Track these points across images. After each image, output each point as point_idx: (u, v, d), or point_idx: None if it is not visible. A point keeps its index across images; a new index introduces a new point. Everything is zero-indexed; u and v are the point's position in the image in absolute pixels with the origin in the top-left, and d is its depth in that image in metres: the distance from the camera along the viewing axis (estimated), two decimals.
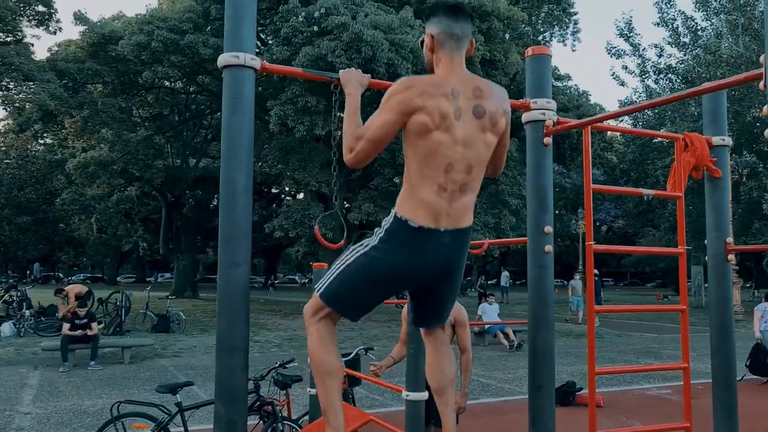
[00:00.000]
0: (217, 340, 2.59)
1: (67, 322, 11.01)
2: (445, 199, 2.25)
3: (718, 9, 24.57)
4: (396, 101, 2.23)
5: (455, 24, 2.31)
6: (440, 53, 2.31)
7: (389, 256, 2.27)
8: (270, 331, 16.31)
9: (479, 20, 20.23)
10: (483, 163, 2.34)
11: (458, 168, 2.25)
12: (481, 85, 2.32)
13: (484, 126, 2.29)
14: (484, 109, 2.29)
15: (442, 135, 2.21)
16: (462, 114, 2.24)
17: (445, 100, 2.22)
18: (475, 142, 2.27)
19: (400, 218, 2.27)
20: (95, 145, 26.59)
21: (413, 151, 2.27)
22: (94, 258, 60.99)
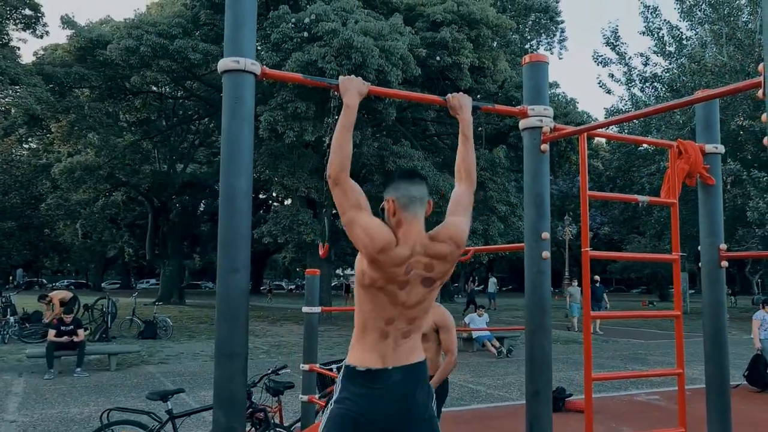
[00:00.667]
0: (216, 346, 2.57)
1: (52, 328, 10.88)
2: (389, 344, 2.35)
3: (702, 19, 24.89)
4: (371, 250, 2.26)
5: (412, 187, 2.38)
6: (401, 216, 2.35)
7: (349, 404, 2.33)
8: (258, 338, 16.23)
9: (468, 27, 20.34)
10: (427, 309, 2.44)
11: (399, 321, 2.35)
12: (437, 248, 2.37)
13: (433, 282, 2.39)
14: (434, 274, 2.37)
15: (386, 297, 2.31)
16: (409, 284, 2.33)
17: (398, 269, 2.29)
18: (420, 302, 2.38)
19: (349, 366, 2.37)
20: (81, 149, 26.39)
21: (360, 300, 2.37)
22: (78, 264, 60.43)
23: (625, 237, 35.90)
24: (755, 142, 21.87)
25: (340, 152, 2.33)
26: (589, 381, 3.12)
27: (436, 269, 2.37)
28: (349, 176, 2.35)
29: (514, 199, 21.47)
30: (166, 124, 29.34)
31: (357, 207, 2.32)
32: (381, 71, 16.80)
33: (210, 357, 12.26)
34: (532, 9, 34.98)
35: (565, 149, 23.86)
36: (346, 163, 2.33)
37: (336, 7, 17.82)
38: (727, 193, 21.68)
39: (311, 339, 4.98)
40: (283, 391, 5.26)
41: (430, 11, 20.41)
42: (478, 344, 14.08)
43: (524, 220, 3.32)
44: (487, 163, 21.30)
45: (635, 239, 33.14)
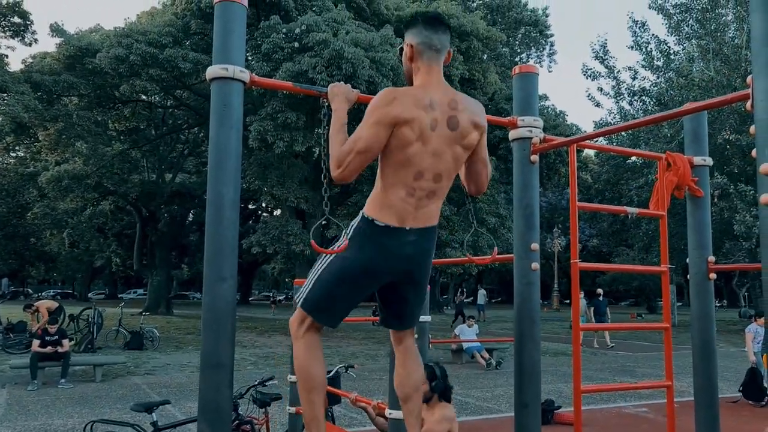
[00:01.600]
0: (202, 357, 2.53)
1: (37, 338, 10.74)
2: (411, 204, 2.33)
3: (689, 34, 25.17)
4: (383, 113, 2.26)
5: (434, 35, 2.36)
6: (419, 63, 2.36)
7: (358, 256, 2.35)
8: (245, 348, 16.11)
9: (459, 40, 20.46)
10: (451, 174, 2.41)
11: (427, 176, 2.32)
12: (457, 98, 2.38)
13: (456, 139, 2.35)
14: (458, 121, 2.35)
15: (418, 146, 2.28)
16: (437, 126, 2.30)
17: (424, 113, 2.27)
18: (446, 153, 2.34)
19: (367, 218, 2.35)
20: (69, 158, 26.22)
21: (387, 159, 2.33)
22: (64, 273, 59.87)
23: (614, 249, 36.03)
24: (741, 156, 22.09)
25: (338, 152, 2.33)
26: (578, 393, 3.10)
27: (461, 122, 2.35)
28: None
29: (503, 211, 21.52)
30: (155, 133, 29.23)
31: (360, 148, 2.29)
32: (371, 82, 16.85)
33: (197, 368, 12.14)
34: (522, 22, 35.32)
35: (554, 161, 24.01)
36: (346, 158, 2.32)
37: (327, 18, 17.88)
38: (714, 206, 21.86)
39: None
40: (270, 403, 5.21)
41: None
42: (468, 355, 14.04)
43: (513, 231, 3.31)
44: None
45: (624, 252, 33.28)
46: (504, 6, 34.46)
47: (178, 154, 31.64)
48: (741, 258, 22.61)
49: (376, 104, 2.29)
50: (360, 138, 2.29)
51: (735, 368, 12.93)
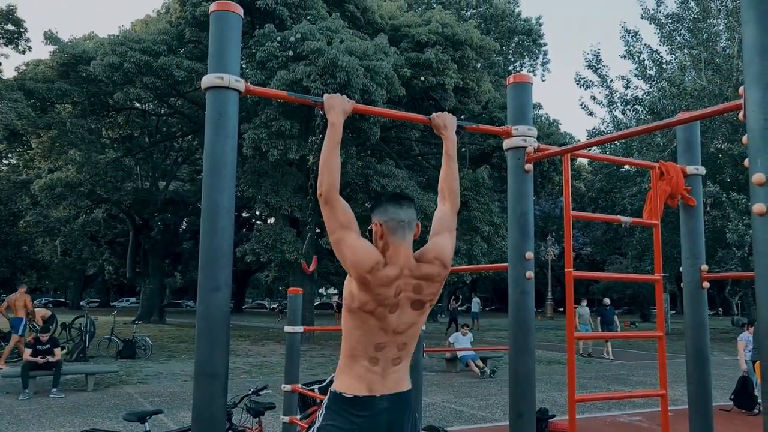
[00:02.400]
0: (196, 366, 2.52)
1: (28, 347, 10.66)
2: (377, 371, 2.32)
3: (681, 44, 25.36)
4: (362, 270, 2.25)
5: (401, 210, 2.36)
6: (388, 240, 2.34)
7: (334, 428, 2.30)
8: (239, 357, 16.04)
9: (453, 49, 20.53)
10: (417, 334, 2.42)
11: (390, 347, 2.33)
12: (424, 270, 2.36)
13: (423, 304, 2.38)
14: (423, 296, 2.37)
15: (376, 321, 2.29)
16: (399, 307, 2.31)
17: (387, 290, 2.27)
18: (410, 326, 2.36)
19: (335, 393, 2.34)
20: (62, 165, 26.12)
21: (349, 325, 2.33)
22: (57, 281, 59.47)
23: (608, 257, 36.14)
24: (733, 165, 22.21)
25: (328, 170, 2.31)
26: (572, 403, 3.10)
27: (425, 291, 2.36)
28: (339, 195, 2.34)
29: (497, 219, 21.55)
30: (149, 140, 29.17)
31: (345, 227, 2.30)
32: (366, 91, 16.88)
33: (190, 377, 12.07)
34: (516, 32, 35.49)
35: (548, 170, 24.07)
36: (335, 180, 2.32)
37: (321, 26, 17.92)
38: (707, 214, 21.96)
39: (293, 359, 4.93)
40: (263, 412, 5.19)
41: (415, 32, 20.60)
42: (462, 364, 14.03)
43: (508, 240, 3.32)
44: (470, 183, 21.40)
45: (617, 260, 33.38)
46: (497, 15, 34.63)
47: (172, 162, 31.56)
48: (734, 266, 22.71)
49: (359, 260, 2.27)
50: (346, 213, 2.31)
51: (729, 376, 12.96)
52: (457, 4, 34.35)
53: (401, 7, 25.15)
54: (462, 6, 34.96)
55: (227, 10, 2.70)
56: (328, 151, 2.36)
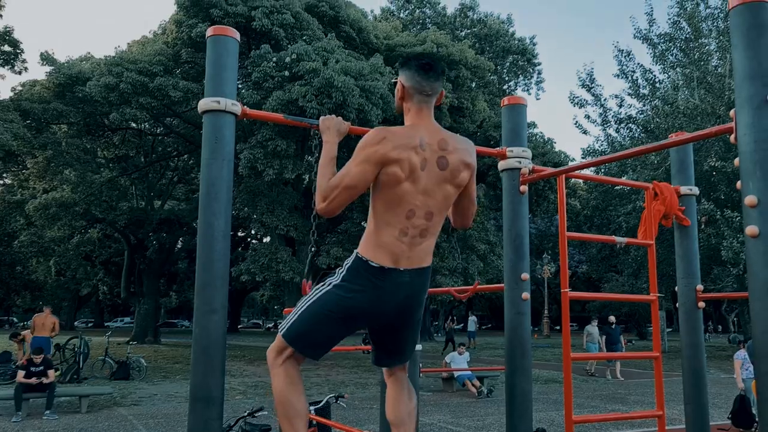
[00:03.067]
0: (191, 390, 2.51)
1: (22, 369, 10.57)
2: (405, 243, 2.35)
3: (674, 63, 25.59)
4: (372, 152, 2.30)
5: (425, 81, 2.40)
6: (410, 104, 2.40)
7: (351, 294, 2.35)
8: (234, 377, 15.92)
9: (448, 68, 20.71)
10: (442, 211, 2.44)
11: (419, 214, 2.35)
12: (447, 138, 2.42)
13: (446, 177, 2.39)
14: (448, 161, 2.39)
15: (408, 185, 2.31)
16: (427, 165, 2.34)
17: (414, 153, 2.31)
18: (436, 191, 2.37)
19: (362, 258, 2.36)
20: (57, 186, 26.10)
21: (379, 197, 2.36)
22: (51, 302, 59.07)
23: (604, 275, 36.14)
24: (727, 182, 22.32)
25: (325, 186, 2.35)
26: (570, 424, 3.09)
27: (449, 146, 2.39)
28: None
29: (493, 238, 21.57)
30: (144, 160, 29.19)
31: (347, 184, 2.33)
32: (361, 110, 16.97)
33: (185, 398, 11.97)
34: (510, 51, 35.82)
35: (543, 188, 24.16)
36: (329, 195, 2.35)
37: (317, 47, 18.06)
38: (701, 232, 22.02)
39: None
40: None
41: (409, 52, 20.77)
42: (459, 384, 13.95)
43: (504, 261, 3.33)
44: None
45: (613, 278, 33.37)
46: (492, 35, 34.97)
47: (168, 182, 31.55)
48: (729, 284, 22.73)
49: (365, 142, 2.33)
50: (347, 174, 2.32)
51: (726, 395, 12.92)
52: (451, 25, 34.70)
53: (396, 28, 25.40)
54: (456, 26, 35.32)
55: (224, 34, 2.73)
56: (324, 168, 2.40)
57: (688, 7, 24.43)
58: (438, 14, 35.67)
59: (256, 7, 18.74)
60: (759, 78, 2.17)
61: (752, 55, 2.18)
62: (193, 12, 19.35)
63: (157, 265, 31.94)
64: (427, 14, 35.90)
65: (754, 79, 2.17)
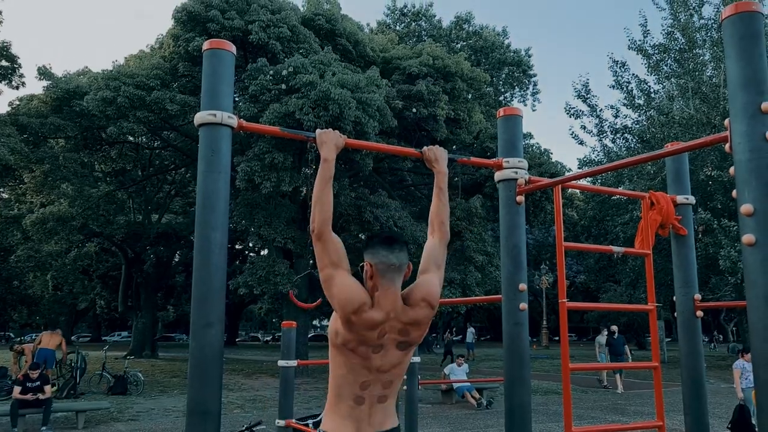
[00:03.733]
0: (188, 404, 2.49)
1: (18, 384, 10.51)
2: (364, 411, 2.32)
3: (669, 73, 25.74)
4: (346, 303, 2.26)
5: (391, 254, 2.34)
6: (378, 282, 2.32)
7: None
8: (232, 391, 15.84)
9: (443, 80, 20.80)
10: (402, 373, 2.42)
11: (375, 386, 2.33)
12: (411, 314, 2.34)
13: (407, 345, 2.37)
14: (410, 338, 2.36)
15: (359, 360, 2.29)
16: (383, 348, 2.31)
17: (371, 333, 2.27)
18: (394, 368, 2.36)
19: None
20: (54, 200, 26.07)
21: (334, 362, 2.34)
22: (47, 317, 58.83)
23: (601, 285, 36.12)
24: (724, 192, 22.38)
25: (321, 206, 2.33)
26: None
27: (412, 334, 2.36)
28: (332, 230, 2.35)
29: (490, 249, 21.57)
30: (141, 174, 29.19)
31: (336, 265, 2.31)
32: (358, 123, 17.01)
33: (182, 413, 11.90)
34: (506, 63, 35.99)
35: (540, 198, 24.20)
36: (328, 216, 2.34)
37: (314, 60, 18.13)
38: (699, 242, 22.03)
39: (287, 393, 4.88)
40: None
41: (406, 64, 20.86)
42: (458, 395, 13.90)
43: (501, 272, 3.33)
44: (463, 212, 21.46)
45: (611, 287, 33.36)
46: (487, 47, 35.15)
47: (165, 195, 31.53)
48: (727, 293, 22.73)
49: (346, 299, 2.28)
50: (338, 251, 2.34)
51: (726, 404, 12.88)
52: (447, 37, 34.90)
53: (392, 40, 25.53)
54: (452, 38, 35.51)
55: (220, 48, 2.74)
56: (320, 188, 2.37)
57: (682, 18, 24.61)
58: (434, 27, 35.88)
59: (253, 21, 18.83)
60: (753, 87, 2.18)
61: (746, 65, 2.19)
62: (190, 26, 19.44)
63: (155, 278, 31.85)
64: (422, 27, 36.11)
65: (748, 88, 2.19)
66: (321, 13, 21.13)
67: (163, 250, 31.95)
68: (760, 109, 2.16)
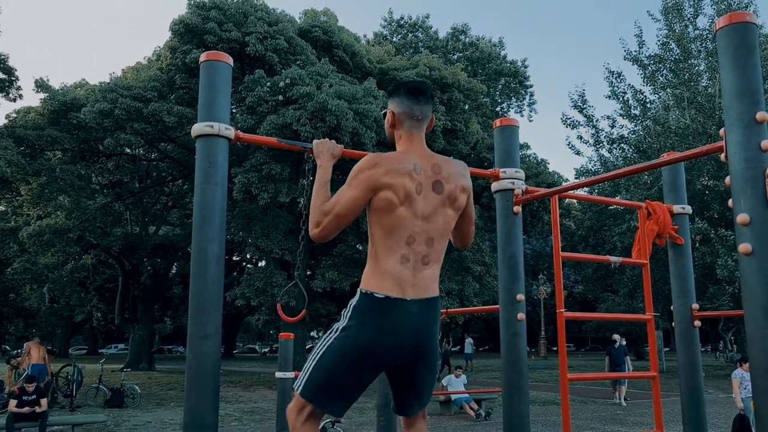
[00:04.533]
0: (185, 416, 2.48)
1: (14, 398, 10.44)
2: (408, 269, 2.28)
3: (664, 84, 25.87)
4: (363, 178, 2.29)
5: (416, 106, 2.38)
6: (401, 131, 2.39)
7: (360, 333, 2.24)
8: (229, 404, 15.75)
9: (440, 91, 20.87)
10: (444, 236, 2.39)
11: (419, 240, 2.30)
12: (440, 162, 2.40)
13: (444, 201, 2.36)
14: (443, 185, 2.36)
15: (405, 210, 2.27)
16: (423, 189, 2.31)
17: (408, 178, 2.29)
18: (435, 216, 2.34)
19: (366, 292, 2.28)
20: (51, 212, 26.03)
21: (377, 225, 2.31)
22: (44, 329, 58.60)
23: (599, 296, 36.10)
24: (720, 201, 22.44)
25: (317, 212, 2.34)
26: None
27: (442, 171, 2.37)
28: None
29: (488, 259, 21.56)
30: (139, 185, 29.19)
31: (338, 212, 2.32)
32: (355, 133, 17.05)
33: (179, 425, 11.82)
34: (502, 74, 36.16)
35: (538, 208, 24.24)
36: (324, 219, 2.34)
37: (311, 71, 18.19)
38: (696, 251, 22.06)
39: (285, 405, 4.85)
40: None
41: (403, 75, 20.93)
42: (456, 407, 13.83)
43: (499, 282, 3.32)
44: None
45: (609, 297, 33.33)
46: (484, 58, 35.32)
47: (162, 207, 31.51)
48: (725, 302, 22.72)
49: (358, 168, 2.32)
50: (339, 201, 2.31)
51: (725, 414, 12.85)
52: (444, 48, 35.06)
53: (389, 52, 25.63)
54: (449, 50, 35.68)
55: (217, 60, 2.75)
56: (317, 193, 2.39)
57: (677, 29, 24.77)
58: (430, 38, 36.07)
59: (250, 33, 18.91)
60: (748, 97, 2.19)
61: (740, 75, 2.20)
62: (187, 38, 19.51)
63: (152, 290, 31.76)
64: (419, 38, 36.29)
65: (742, 98, 2.20)
66: (318, 25, 21.23)
67: (160, 262, 31.87)
68: (755, 119, 2.17)
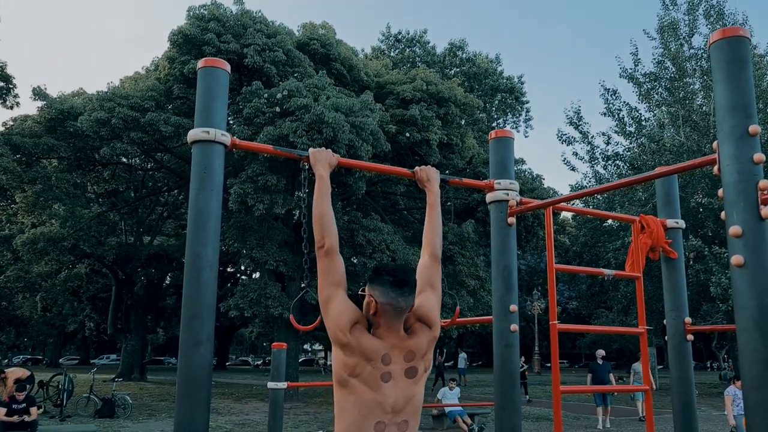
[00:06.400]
0: (176, 425, 2.47)
1: (3, 406, 10.34)
2: None
3: (660, 101, 26.06)
4: (343, 320, 2.20)
5: (401, 297, 2.23)
6: (380, 320, 2.24)
7: None
8: (221, 416, 15.64)
9: (437, 106, 20.96)
10: (418, 410, 2.27)
11: (390, 428, 2.17)
12: (413, 342, 2.27)
13: (417, 375, 2.26)
14: (416, 362, 2.26)
15: (372, 393, 2.16)
16: (392, 378, 2.19)
17: (375, 355, 2.18)
18: (409, 399, 2.22)
19: None
20: (46, 220, 25.95)
21: (342, 405, 2.20)
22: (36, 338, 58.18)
23: (593, 312, 36.09)
24: (714, 219, 22.52)
25: (327, 222, 2.33)
26: None
27: (417, 357, 2.25)
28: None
29: (483, 273, 21.56)
30: (134, 195, 29.13)
31: (338, 285, 2.27)
32: (351, 146, 17.08)
33: None
34: (499, 89, 36.35)
35: (532, 224, 24.27)
36: (333, 230, 2.33)
37: (308, 83, 18.25)
38: (690, 268, 22.10)
39: (277, 417, 4.83)
40: None
41: (400, 89, 21.03)
42: (450, 420, 13.77)
43: (492, 293, 3.33)
44: (455, 237, 21.49)
45: (603, 314, 33.32)
46: (481, 74, 35.51)
47: (157, 217, 31.43)
48: (719, 319, 22.74)
49: None
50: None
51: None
52: (441, 63, 35.25)
53: (387, 65, 25.75)
54: (446, 65, 35.86)
55: (215, 66, 2.76)
56: (321, 202, 2.37)
57: (673, 48, 24.99)
58: (428, 53, 36.25)
59: (249, 45, 18.98)
60: (740, 110, 2.21)
61: (733, 89, 2.23)
62: (186, 49, 19.57)
63: (145, 300, 31.61)
64: (416, 53, 36.48)
65: (735, 112, 2.22)
66: (316, 38, 21.33)
67: (154, 272, 31.75)
68: (748, 132, 2.19)
